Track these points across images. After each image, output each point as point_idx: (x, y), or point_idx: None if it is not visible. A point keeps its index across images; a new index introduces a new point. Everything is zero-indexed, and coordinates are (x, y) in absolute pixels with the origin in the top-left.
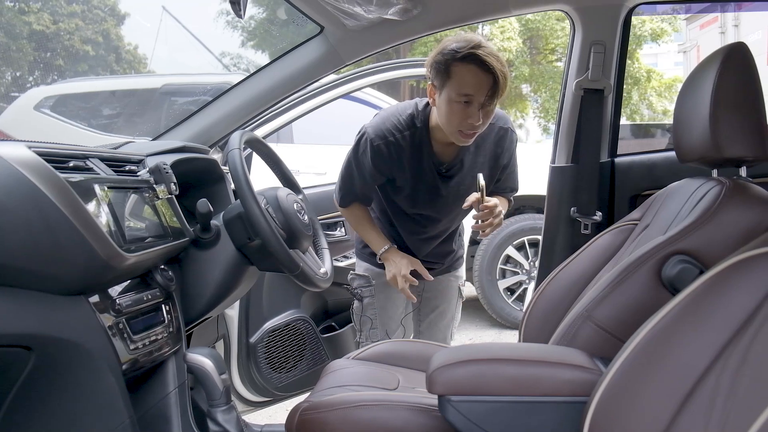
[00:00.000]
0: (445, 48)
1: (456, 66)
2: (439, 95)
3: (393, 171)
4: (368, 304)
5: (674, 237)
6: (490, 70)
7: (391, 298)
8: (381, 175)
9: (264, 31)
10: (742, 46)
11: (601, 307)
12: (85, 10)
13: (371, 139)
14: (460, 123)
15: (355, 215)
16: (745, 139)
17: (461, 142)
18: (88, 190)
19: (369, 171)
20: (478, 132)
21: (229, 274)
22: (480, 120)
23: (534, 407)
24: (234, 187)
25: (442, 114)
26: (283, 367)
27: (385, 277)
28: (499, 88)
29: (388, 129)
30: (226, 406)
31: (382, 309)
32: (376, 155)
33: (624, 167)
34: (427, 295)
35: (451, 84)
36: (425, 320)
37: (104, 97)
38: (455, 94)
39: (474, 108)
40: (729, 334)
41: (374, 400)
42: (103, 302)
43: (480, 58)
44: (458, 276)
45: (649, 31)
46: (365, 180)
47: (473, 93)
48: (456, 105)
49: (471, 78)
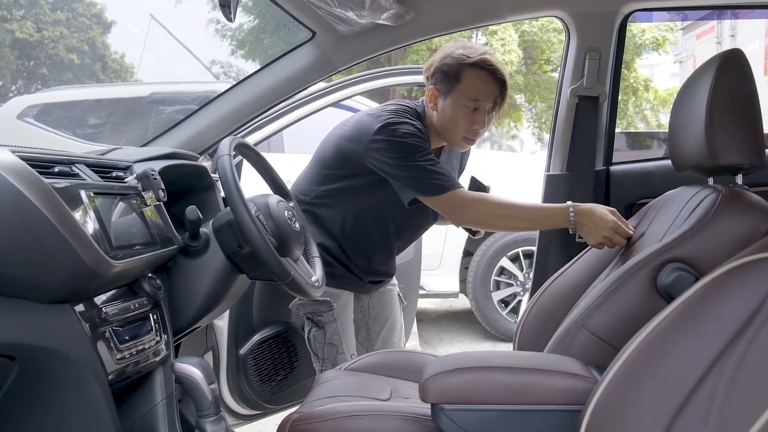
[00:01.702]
0: (453, 53)
1: (467, 71)
2: (443, 99)
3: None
4: (333, 330)
5: (670, 244)
6: (499, 77)
7: (350, 318)
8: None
9: (255, 39)
10: (737, 52)
11: (596, 315)
12: (70, 17)
13: (403, 121)
14: (467, 129)
15: (483, 198)
16: (741, 147)
17: (461, 147)
18: (73, 196)
19: (428, 144)
20: (478, 138)
21: (218, 283)
22: (484, 126)
23: (528, 416)
24: (224, 194)
25: (447, 118)
26: (274, 379)
27: (343, 298)
28: (505, 96)
29: (408, 113)
30: (215, 417)
31: (344, 330)
32: (420, 133)
33: (619, 176)
34: (374, 311)
35: (460, 89)
36: (377, 338)
37: (90, 106)
38: (465, 99)
39: (481, 114)
40: (724, 342)
41: (366, 410)
42: (89, 311)
43: (492, 64)
44: (394, 283)
45: (650, 40)
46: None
47: (482, 99)
48: (464, 110)
49: (482, 84)
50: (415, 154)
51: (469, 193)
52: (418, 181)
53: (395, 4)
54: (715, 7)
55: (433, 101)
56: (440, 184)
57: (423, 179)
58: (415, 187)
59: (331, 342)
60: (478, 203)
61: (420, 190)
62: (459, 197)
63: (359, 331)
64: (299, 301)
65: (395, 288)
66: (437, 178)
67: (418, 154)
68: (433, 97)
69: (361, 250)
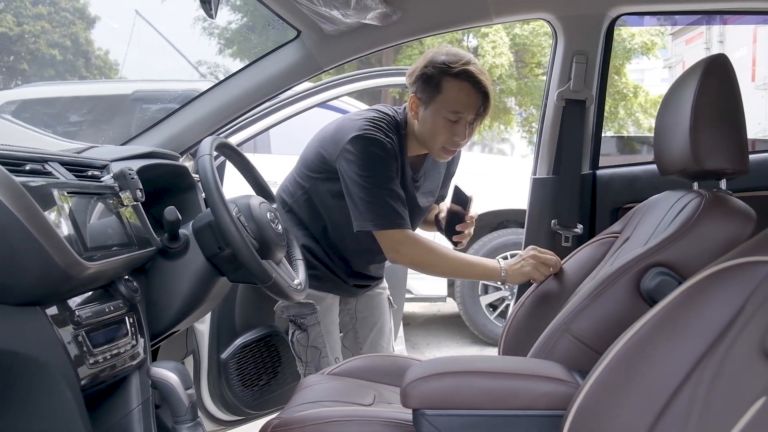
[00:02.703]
0: (435, 60)
1: (448, 81)
2: (424, 109)
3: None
4: (316, 333)
5: (653, 249)
6: (482, 88)
7: (334, 321)
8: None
9: (243, 39)
10: (722, 57)
11: (579, 319)
12: (51, 12)
13: (374, 136)
14: (446, 140)
15: (423, 244)
16: (725, 152)
17: (441, 158)
18: (45, 195)
19: (394, 169)
20: (459, 149)
21: (198, 286)
22: (465, 138)
23: (510, 421)
24: (204, 195)
25: (427, 129)
26: (256, 384)
27: (327, 301)
28: (488, 108)
29: (381, 127)
30: (191, 423)
31: (328, 334)
32: (391, 150)
33: (605, 179)
34: (361, 315)
35: (441, 99)
36: (365, 341)
37: (71, 103)
38: (446, 111)
39: (462, 126)
40: (705, 346)
41: (347, 416)
42: (61, 314)
43: (474, 76)
44: (384, 287)
45: (639, 44)
46: (398, 182)
47: (463, 111)
48: (444, 122)
49: (464, 95)
50: (377, 178)
51: (412, 237)
52: (368, 208)
53: (381, 4)
54: (702, 13)
55: (414, 110)
56: (386, 220)
57: (373, 209)
58: (362, 215)
59: (315, 345)
60: (416, 249)
61: (366, 219)
62: (400, 237)
63: (347, 334)
64: (283, 304)
65: (385, 291)
66: (387, 212)
67: (380, 178)
68: (414, 105)
69: (341, 253)
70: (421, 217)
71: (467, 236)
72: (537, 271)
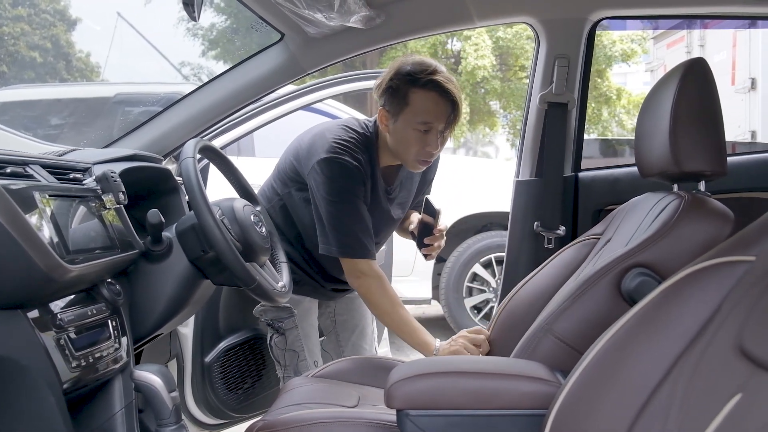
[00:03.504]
0: (400, 72)
1: (415, 93)
2: (394, 122)
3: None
4: (294, 337)
5: (633, 250)
6: (450, 97)
7: (313, 324)
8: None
9: (227, 41)
10: (701, 61)
11: (561, 320)
12: (31, 14)
13: (342, 159)
14: (419, 151)
15: (377, 283)
16: (704, 154)
17: (417, 169)
18: (27, 198)
19: (361, 192)
20: (434, 158)
21: (181, 288)
22: (438, 147)
23: (493, 420)
24: (188, 197)
25: (399, 142)
26: (240, 387)
27: (304, 304)
28: (458, 116)
29: (350, 147)
30: (175, 426)
31: (306, 337)
32: (358, 171)
33: (587, 182)
34: (341, 317)
35: (409, 111)
36: (347, 344)
37: (52, 106)
38: (415, 123)
39: (433, 135)
40: (683, 345)
41: (332, 417)
42: (43, 317)
43: (441, 85)
44: None
45: (620, 51)
46: (364, 206)
47: (433, 121)
48: (415, 133)
49: (432, 105)
50: (343, 204)
51: (375, 272)
52: (335, 235)
53: (365, 7)
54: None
55: (385, 123)
56: (351, 249)
57: (339, 237)
58: (327, 239)
59: (293, 349)
60: (373, 287)
61: (332, 244)
62: (365, 267)
63: (328, 338)
64: (261, 308)
65: None
66: (352, 242)
67: (347, 204)
68: (384, 119)
69: (316, 259)
70: (394, 226)
71: (437, 249)
72: (465, 350)
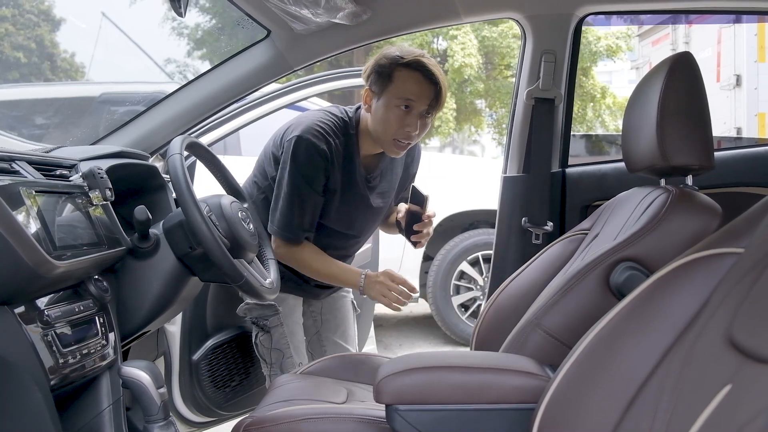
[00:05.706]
0: (389, 54)
1: (400, 71)
2: (377, 100)
3: (329, 179)
4: (279, 335)
5: (622, 244)
6: (433, 80)
7: (298, 322)
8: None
9: (213, 40)
10: (687, 55)
11: (549, 314)
12: (15, 14)
13: (312, 142)
14: (396, 130)
15: (310, 253)
16: (692, 148)
17: (393, 152)
18: (13, 194)
19: (319, 182)
20: (411, 143)
21: (168, 285)
22: (417, 129)
23: (482, 415)
24: (175, 194)
25: (379, 120)
26: (228, 385)
27: (289, 302)
28: (440, 101)
29: (325, 130)
30: (163, 422)
31: (291, 335)
32: (324, 159)
33: (575, 177)
34: (325, 317)
35: (392, 88)
36: (329, 345)
37: (36, 105)
38: (396, 99)
39: (413, 116)
40: (672, 338)
41: (321, 413)
42: (30, 313)
43: (426, 66)
44: (348, 290)
45: (605, 47)
46: (318, 196)
47: (415, 99)
48: (395, 110)
49: (414, 84)
50: (299, 188)
51: (294, 251)
52: (278, 209)
53: (351, 3)
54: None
55: (368, 102)
56: (281, 227)
57: (281, 212)
58: (271, 215)
59: (278, 347)
60: (295, 260)
61: (271, 220)
62: (286, 247)
63: (311, 338)
64: (245, 306)
65: (349, 295)
66: (288, 222)
67: (302, 189)
68: (368, 98)
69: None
70: (376, 217)
71: (426, 236)
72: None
